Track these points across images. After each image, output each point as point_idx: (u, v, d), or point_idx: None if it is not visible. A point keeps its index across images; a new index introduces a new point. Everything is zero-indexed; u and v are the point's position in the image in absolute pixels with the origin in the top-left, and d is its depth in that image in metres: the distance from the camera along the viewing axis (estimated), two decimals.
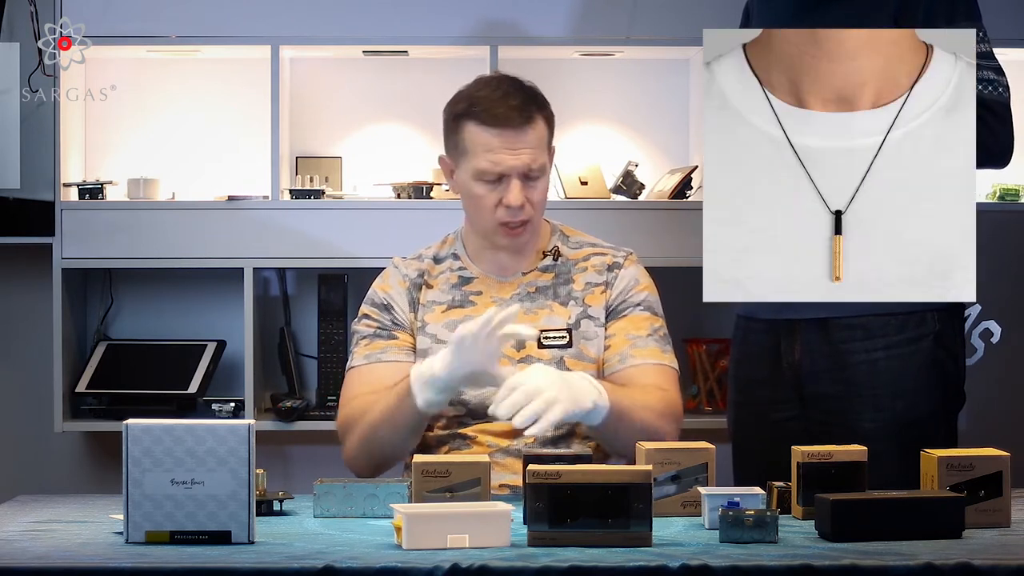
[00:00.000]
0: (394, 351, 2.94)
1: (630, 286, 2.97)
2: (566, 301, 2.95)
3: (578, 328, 2.93)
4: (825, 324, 3.00)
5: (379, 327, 2.95)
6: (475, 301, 2.96)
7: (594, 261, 2.99)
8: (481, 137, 2.87)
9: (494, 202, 2.89)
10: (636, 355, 2.90)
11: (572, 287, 2.96)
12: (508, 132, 2.86)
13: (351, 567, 2.08)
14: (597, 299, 2.95)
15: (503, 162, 2.86)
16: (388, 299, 2.97)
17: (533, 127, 2.87)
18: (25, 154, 3.98)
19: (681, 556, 2.13)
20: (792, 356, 3.05)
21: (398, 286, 2.99)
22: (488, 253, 2.98)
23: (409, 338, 2.95)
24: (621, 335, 2.92)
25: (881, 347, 2.98)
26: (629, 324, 2.94)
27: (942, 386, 3.00)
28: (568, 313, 2.94)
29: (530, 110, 2.88)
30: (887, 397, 2.97)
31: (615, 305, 2.95)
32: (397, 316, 2.96)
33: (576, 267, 2.98)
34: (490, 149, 2.86)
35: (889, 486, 2.46)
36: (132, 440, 2.25)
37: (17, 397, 4.20)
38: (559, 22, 3.99)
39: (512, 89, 2.90)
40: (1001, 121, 2.89)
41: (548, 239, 3.01)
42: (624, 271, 2.97)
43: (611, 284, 2.96)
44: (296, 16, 3.97)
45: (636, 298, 2.96)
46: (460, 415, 2.89)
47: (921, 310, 2.97)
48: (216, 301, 4.17)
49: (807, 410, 3.04)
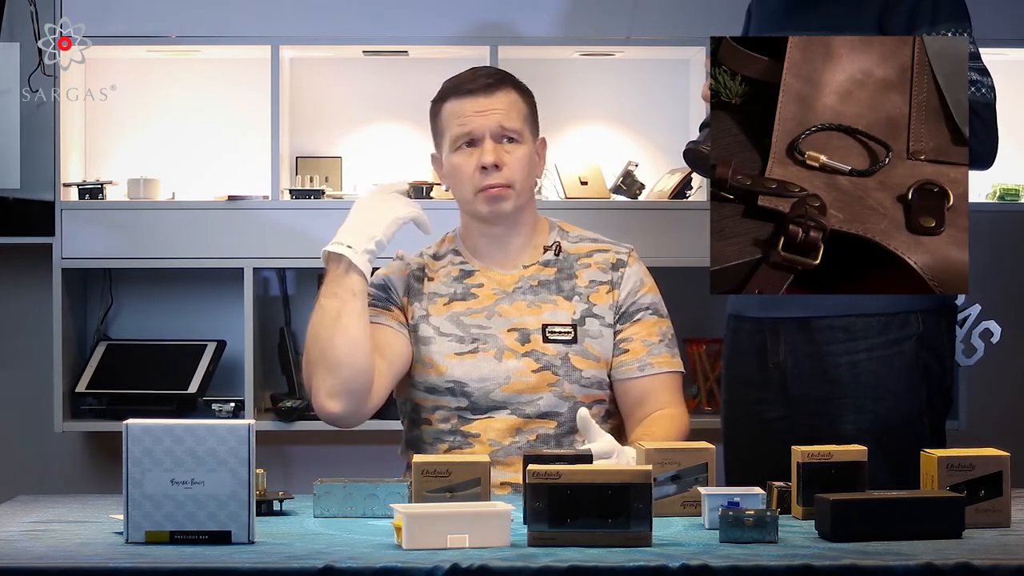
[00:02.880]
0: (385, 317, 2.96)
1: (637, 287, 2.98)
2: (570, 296, 2.96)
3: (583, 325, 2.93)
4: (808, 324, 3.00)
5: (374, 298, 2.97)
6: (476, 293, 2.97)
7: (597, 258, 3.00)
8: (454, 108, 2.95)
9: (472, 167, 2.92)
10: (654, 363, 2.94)
11: (576, 282, 2.97)
12: (478, 98, 2.93)
13: (351, 567, 2.08)
14: (602, 298, 2.96)
15: (473, 123, 2.92)
16: (386, 280, 3.00)
17: (504, 93, 2.94)
18: (25, 154, 3.98)
19: (681, 556, 2.13)
20: (778, 356, 3.05)
21: (398, 272, 3.02)
22: (487, 246, 3.00)
23: (402, 316, 2.97)
24: (638, 341, 2.95)
25: (863, 348, 2.98)
26: (643, 329, 2.96)
27: (926, 388, 3.00)
28: (573, 308, 2.95)
29: (499, 80, 2.96)
30: (869, 399, 2.97)
31: (625, 308, 2.96)
32: (393, 296, 2.99)
33: (578, 262, 2.99)
34: (461, 115, 2.94)
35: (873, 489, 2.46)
36: (132, 440, 2.25)
37: (17, 397, 4.21)
38: (559, 22, 3.99)
39: (485, 69, 3.02)
40: (984, 123, 2.86)
41: (547, 235, 3.02)
42: (629, 270, 2.99)
43: (617, 284, 2.97)
44: (296, 16, 3.97)
45: (644, 300, 2.98)
46: (462, 408, 2.90)
47: (905, 311, 2.97)
48: (216, 301, 4.17)
49: (794, 411, 3.04)
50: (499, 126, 2.92)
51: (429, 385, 2.92)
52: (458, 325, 2.94)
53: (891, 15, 2.92)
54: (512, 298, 2.95)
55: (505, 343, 2.91)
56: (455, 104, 2.94)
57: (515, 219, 2.97)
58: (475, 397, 2.89)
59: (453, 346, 2.92)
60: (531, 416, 2.89)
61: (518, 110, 2.95)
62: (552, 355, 2.90)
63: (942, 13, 2.90)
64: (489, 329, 2.93)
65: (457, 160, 2.94)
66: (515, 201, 2.94)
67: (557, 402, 2.89)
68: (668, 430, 2.87)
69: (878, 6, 2.94)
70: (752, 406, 3.10)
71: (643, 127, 4.24)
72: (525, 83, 3.01)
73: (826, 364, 2.99)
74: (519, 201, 2.95)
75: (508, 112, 2.93)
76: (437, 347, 2.93)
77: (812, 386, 3.01)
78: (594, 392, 2.92)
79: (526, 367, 2.90)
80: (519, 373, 2.89)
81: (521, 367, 2.90)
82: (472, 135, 2.92)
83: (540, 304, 2.95)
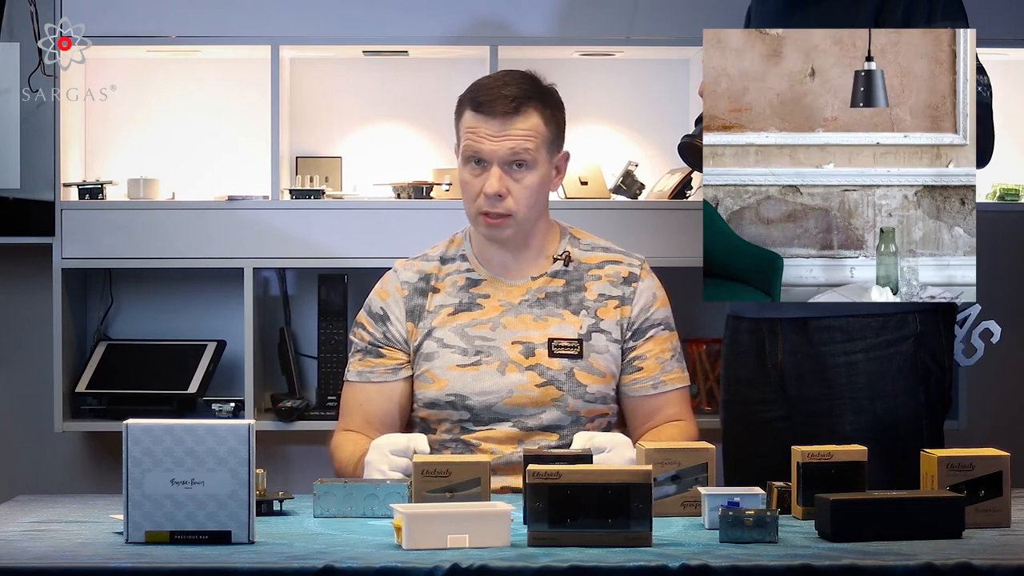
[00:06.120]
0: (381, 371, 2.95)
1: (650, 303, 2.96)
2: (577, 310, 2.94)
3: (589, 340, 2.92)
4: (806, 325, 3.00)
5: (371, 341, 2.97)
6: (482, 304, 2.95)
7: (608, 270, 2.97)
8: (470, 121, 2.89)
9: (477, 189, 2.89)
10: (667, 380, 2.94)
11: (584, 295, 2.95)
12: (494, 119, 2.86)
13: (351, 567, 2.08)
14: (611, 313, 2.94)
15: (482, 146, 2.87)
16: (384, 308, 2.98)
17: (524, 117, 2.87)
18: (25, 154, 3.97)
19: (681, 556, 2.13)
20: (776, 357, 3.05)
21: (396, 293, 2.98)
22: (494, 254, 2.98)
23: (399, 354, 2.96)
24: (652, 359, 2.94)
25: (860, 349, 2.98)
26: (656, 346, 2.95)
27: (924, 389, 2.99)
28: (580, 323, 2.93)
29: (523, 101, 2.87)
30: (866, 399, 2.97)
31: (638, 324, 2.95)
32: (391, 329, 2.96)
33: (589, 274, 2.97)
34: (474, 132, 2.88)
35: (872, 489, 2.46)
36: (132, 440, 2.25)
37: (17, 397, 4.20)
38: (559, 22, 3.99)
39: (514, 80, 2.91)
40: (980, 121, 2.86)
41: (558, 242, 3.00)
42: (642, 284, 2.96)
43: (628, 300, 2.95)
44: (296, 16, 3.97)
45: (657, 316, 2.97)
46: (463, 420, 2.89)
47: (903, 311, 2.97)
48: (216, 301, 4.17)
49: (793, 411, 3.04)
50: (510, 153, 2.86)
51: (429, 401, 2.92)
52: (462, 337, 2.92)
53: (888, 13, 2.92)
54: (518, 311, 2.93)
55: (509, 356, 2.90)
56: (471, 117, 2.88)
57: (520, 237, 2.94)
58: (477, 409, 2.89)
59: (456, 358, 2.91)
60: (533, 429, 2.88)
61: (536, 135, 2.88)
62: (557, 370, 2.89)
63: (938, 10, 2.90)
64: (493, 341, 2.91)
65: (464, 175, 2.91)
66: (516, 228, 2.91)
67: (561, 416, 2.88)
68: (674, 437, 2.87)
69: (875, 4, 2.94)
70: (751, 406, 3.10)
71: (643, 127, 4.23)
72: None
73: (824, 364, 2.99)
74: (522, 227, 2.91)
75: (524, 139, 2.86)
76: (440, 360, 2.91)
77: (810, 386, 3.01)
78: (598, 407, 2.91)
79: (530, 381, 2.88)
80: (522, 387, 2.88)
81: (525, 381, 2.88)
82: (481, 157, 2.88)
83: (546, 318, 2.93)
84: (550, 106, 2.92)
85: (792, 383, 3.03)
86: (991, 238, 3.45)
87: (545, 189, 2.94)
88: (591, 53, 4.12)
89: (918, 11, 2.90)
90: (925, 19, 2.89)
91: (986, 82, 2.90)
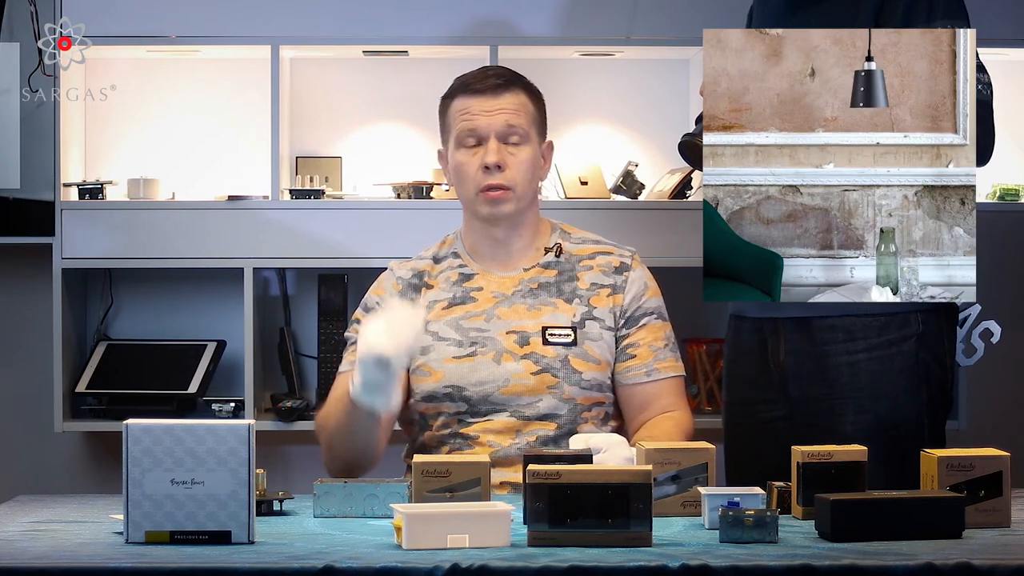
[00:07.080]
0: None
1: (641, 292, 2.99)
2: (571, 299, 2.96)
3: (583, 327, 2.94)
4: (808, 324, 3.00)
5: None
6: (476, 297, 2.97)
7: (600, 260, 3.00)
8: (461, 105, 2.96)
9: (475, 167, 2.93)
10: (660, 368, 2.96)
11: (577, 284, 2.97)
12: (485, 97, 2.95)
13: (351, 567, 2.08)
14: (603, 301, 2.96)
15: (479, 121, 2.94)
16: (380, 303, 2.98)
17: (512, 93, 2.96)
18: (25, 154, 3.97)
19: (681, 556, 2.13)
20: (778, 357, 3.05)
21: (391, 289, 3.00)
22: (487, 247, 3.00)
23: None
24: (645, 347, 2.96)
25: (862, 349, 2.97)
26: (649, 335, 2.97)
27: (926, 388, 2.99)
28: (573, 311, 2.95)
29: (510, 80, 2.98)
30: (868, 399, 2.97)
31: (631, 312, 2.97)
32: None
33: (580, 264, 2.99)
34: (467, 113, 2.95)
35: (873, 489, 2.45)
36: (132, 440, 2.25)
37: (17, 397, 4.20)
38: (559, 22, 3.99)
39: (496, 69, 3.03)
40: (980, 120, 2.85)
41: (549, 236, 3.03)
42: (633, 274, 2.99)
43: (620, 288, 2.97)
44: (296, 16, 3.97)
45: (649, 304, 2.99)
46: (461, 412, 2.90)
47: (905, 311, 2.96)
48: (216, 301, 4.17)
49: (794, 411, 3.04)
50: (505, 125, 2.93)
51: (427, 393, 2.92)
52: (457, 329, 2.94)
53: (888, 13, 2.92)
54: (511, 301, 2.95)
55: (504, 346, 2.91)
56: (463, 101, 2.96)
57: (516, 221, 2.97)
58: (473, 400, 2.89)
59: (451, 350, 2.92)
60: (530, 418, 2.89)
61: (526, 111, 2.96)
62: (552, 357, 2.90)
63: (938, 9, 2.91)
64: (488, 332, 2.93)
65: (461, 158, 2.95)
66: (516, 204, 2.94)
67: (557, 404, 2.89)
68: (670, 430, 2.87)
69: (876, 4, 2.94)
70: (753, 406, 3.10)
71: (643, 127, 4.23)
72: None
73: (826, 364, 2.99)
74: (520, 204, 2.95)
75: (515, 113, 2.94)
76: (436, 353, 2.92)
77: (812, 386, 3.01)
78: (594, 395, 2.92)
79: (525, 369, 2.90)
80: (518, 376, 2.89)
81: (520, 369, 2.90)
82: (477, 133, 2.93)
83: (539, 307, 2.95)
84: (533, 92, 3.01)
85: (793, 383, 3.03)
86: (991, 238, 3.45)
87: (537, 170, 2.99)
88: (591, 53, 4.12)
89: (919, 9, 2.90)
90: (926, 17, 2.89)
91: (987, 80, 2.90)
